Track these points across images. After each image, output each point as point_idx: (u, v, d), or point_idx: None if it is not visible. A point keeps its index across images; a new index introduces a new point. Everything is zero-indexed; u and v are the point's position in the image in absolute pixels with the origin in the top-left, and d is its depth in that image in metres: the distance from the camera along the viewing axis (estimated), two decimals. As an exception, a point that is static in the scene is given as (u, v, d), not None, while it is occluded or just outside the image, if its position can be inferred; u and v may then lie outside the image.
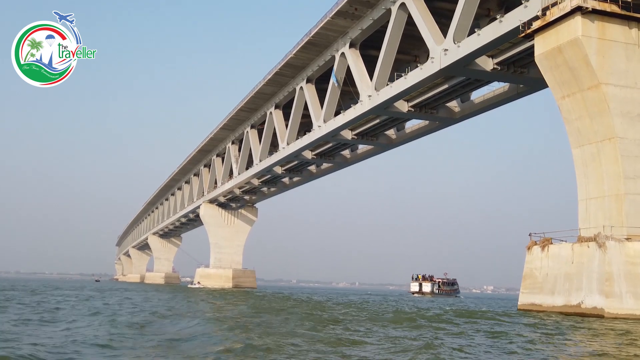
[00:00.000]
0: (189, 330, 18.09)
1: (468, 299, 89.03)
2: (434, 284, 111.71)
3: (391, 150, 62.21)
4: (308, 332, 17.87)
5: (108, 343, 14.58)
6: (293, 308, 31.23)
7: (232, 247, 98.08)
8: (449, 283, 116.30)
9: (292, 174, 75.08)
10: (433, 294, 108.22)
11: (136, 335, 16.73)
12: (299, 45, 53.54)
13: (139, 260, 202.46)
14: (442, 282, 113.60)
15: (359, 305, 40.97)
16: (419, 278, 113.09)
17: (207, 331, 17.77)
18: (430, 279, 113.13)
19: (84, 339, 15.19)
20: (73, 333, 17.13)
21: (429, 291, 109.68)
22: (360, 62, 48.17)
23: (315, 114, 55.78)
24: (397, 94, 42.24)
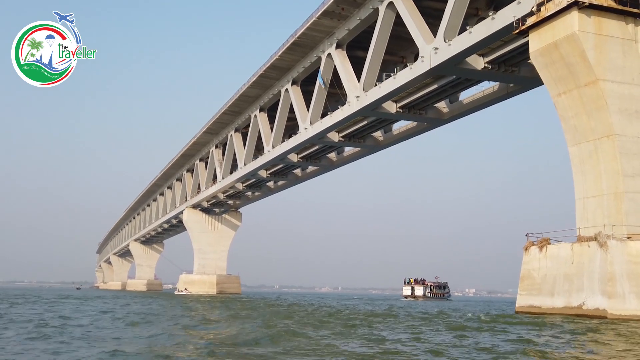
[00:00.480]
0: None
1: (459, 302, 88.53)
2: (426, 287, 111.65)
3: (377, 152, 61.94)
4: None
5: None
6: (327, 321, 26.13)
7: (216, 253, 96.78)
8: (441, 287, 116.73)
9: (277, 178, 74.18)
10: (425, 298, 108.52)
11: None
12: (284, 46, 52.73)
13: (120, 268, 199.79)
14: (433, 286, 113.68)
15: (388, 312, 38.31)
16: (411, 282, 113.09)
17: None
18: (422, 282, 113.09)
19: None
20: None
21: (421, 295, 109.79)
22: (347, 63, 47.47)
23: (302, 116, 54.97)
24: (386, 95, 41.59)
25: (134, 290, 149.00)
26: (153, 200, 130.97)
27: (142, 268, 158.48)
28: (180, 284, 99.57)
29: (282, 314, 31.42)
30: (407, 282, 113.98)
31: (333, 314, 32.43)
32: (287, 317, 28.62)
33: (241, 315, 29.42)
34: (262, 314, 31.06)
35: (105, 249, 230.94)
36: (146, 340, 17.15)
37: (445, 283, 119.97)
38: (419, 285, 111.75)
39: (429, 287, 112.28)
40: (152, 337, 18.03)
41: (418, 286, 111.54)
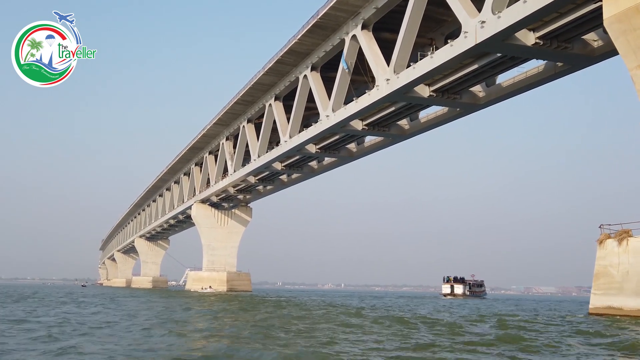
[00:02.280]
0: None
1: (497, 302, 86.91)
2: (465, 285, 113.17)
3: (395, 145, 58.71)
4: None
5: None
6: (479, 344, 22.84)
7: (226, 249, 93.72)
8: (478, 285, 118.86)
9: (292, 170, 70.86)
10: (465, 296, 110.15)
11: None
12: (305, 29, 49.46)
13: (125, 265, 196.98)
14: (472, 284, 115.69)
15: (443, 315, 35.04)
16: (450, 280, 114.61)
17: None
18: (461, 281, 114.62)
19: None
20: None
21: (460, 293, 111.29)
22: (374, 45, 44.24)
23: (322, 104, 51.73)
24: (421, 76, 38.30)
25: (139, 288, 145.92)
26: (159, 195, 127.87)
27: (147, 265, 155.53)
28: (189, 281, 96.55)
29: (393, 323, 27.24)
30: (447, 280, 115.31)
31: (449, 325, 25.62)
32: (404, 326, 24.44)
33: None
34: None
35: (108, 246, 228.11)
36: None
37: (482, 281, 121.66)
38: (458, 284, 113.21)
39: (468, 285, 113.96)
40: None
41: (457, 284, 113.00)
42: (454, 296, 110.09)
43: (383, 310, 39.75)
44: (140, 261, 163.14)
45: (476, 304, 69.36)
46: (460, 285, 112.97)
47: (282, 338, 17.74)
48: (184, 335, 18.95)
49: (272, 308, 38.64)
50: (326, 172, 71.71)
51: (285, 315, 30.45)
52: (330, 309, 39.60)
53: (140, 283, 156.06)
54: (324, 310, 36.70)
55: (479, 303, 73.00)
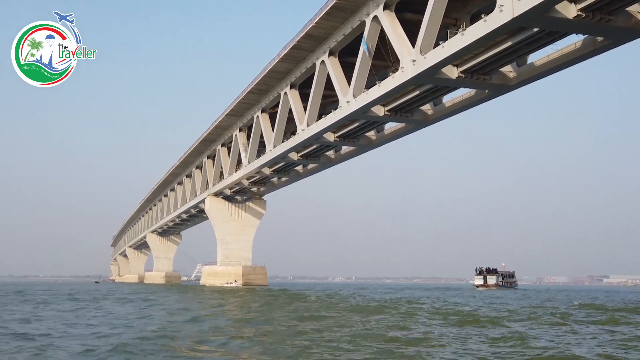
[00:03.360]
0: None
1: (538, 292, 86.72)
2: (498, 276, 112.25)
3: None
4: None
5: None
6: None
7: (240, 242, 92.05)
8: (510, 275, 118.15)
9: (309, 160, 68.96)
10: (498, 287, 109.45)
11: None
12: (323, 11, 47.40)
13: (137, 260, 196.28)
14: (504, 275, 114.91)
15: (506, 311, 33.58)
16: (483, 271, 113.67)
17: None
18: (494, 271, 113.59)
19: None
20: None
21: (493, 283, 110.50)
22: (397, 25, 42.14)
23: (342, 90, 49.73)
24: (451, 56, 36.13)
25: (152, 283, 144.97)
26: (171, 190, 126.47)
27: (159, 260, 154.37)
28: (204, 275, 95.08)
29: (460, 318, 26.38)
30: (479, 271, 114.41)
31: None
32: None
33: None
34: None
35: (120, 242, 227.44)
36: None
37: (513, 272, 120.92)
38: (491, 275, 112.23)
39: (501, 275, 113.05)
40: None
41: (490, 275, 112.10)
42: (487, 287, 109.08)
43: (458, 310, 37.91)
44: (152, 257, 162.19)
45: (526, 296, 68.37)
46: (493, 276, 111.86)
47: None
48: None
49: (331, 308, 36.69)
50: (343, 161, 69.77)
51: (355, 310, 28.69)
52: (390, 306, 36.94)
53: (153, 279, 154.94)
54: (393, 309, 33.46)
55: (526, 295, 72.17)
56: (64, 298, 50.93)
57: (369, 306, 36.07)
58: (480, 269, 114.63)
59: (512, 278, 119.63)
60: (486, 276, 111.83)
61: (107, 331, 20.43)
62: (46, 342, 17.30)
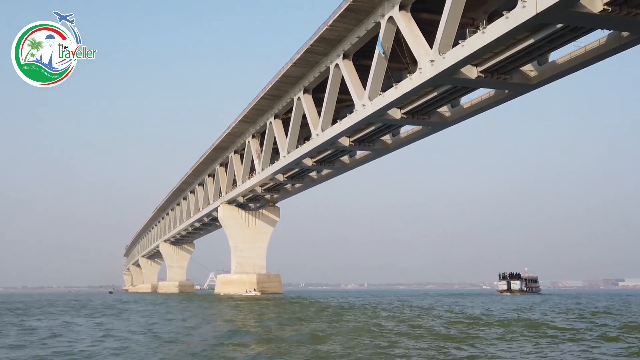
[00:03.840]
0: None
1: (562, 297, 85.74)
2: (521, 281, 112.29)
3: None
4: None
5: None
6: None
7: (254, 250, 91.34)
8: (533, 280, 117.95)
9: (323, 166, 68.07)
10: (522, 292, 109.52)
11: None
12: (336, 13, 46.65)
13: (149, 270, 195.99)
14: (527, 280, 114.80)
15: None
16: (506, 276, 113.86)
17: None
18: (517, 276, 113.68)
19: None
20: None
21: (517, 289, 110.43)
22: (414, 25, 41.26)
23: (358, 93, 48.91)
24: (471, 55, 35.17)
25: (165, 293, 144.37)
26: (183, 198, 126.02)
27: (172, 269, 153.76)
28: (218, 284, 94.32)
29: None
30: (502, 277, 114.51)
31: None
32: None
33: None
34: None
35: (133, 252, 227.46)
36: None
37: (536, 277, 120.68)
38: (514, 280, 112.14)
39: (524, 281, 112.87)
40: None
41: (514, 280, 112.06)
42: (511, 292, 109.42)
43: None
44: (165, 266, 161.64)
45: (556, 301, 67.58)
46: (516, 281, 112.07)
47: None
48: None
49: (376, 317, 35.46)
50: (358, 166, 68.84)
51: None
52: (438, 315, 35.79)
53: (166, 288, 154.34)
54: (485, 325, 30.11)
55: (553, 300, 71.47)
56: (115, 308, 49.59)
57: (454, 320, 31.34)
58: (503, 274, 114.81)
59: (535, 283, 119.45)
60: (510, 281, 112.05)
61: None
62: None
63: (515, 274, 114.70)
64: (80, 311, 48.39)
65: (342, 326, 26.64)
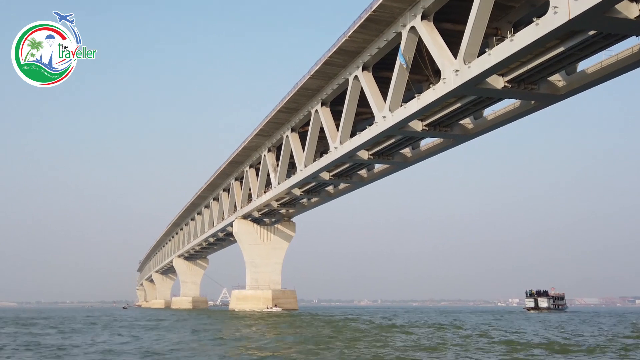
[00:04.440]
0: None
1: (593, 315, 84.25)
2: (549, 299, 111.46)
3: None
4: None
5: None
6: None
7: (269, 266, 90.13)
8: (559, 297, 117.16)
9: (341, 180, 66.87)
10: (549, 310, 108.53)
11: None
12: (356, 24, 45.78)
13: (163, 285, 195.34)
14: (555, 297, 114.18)
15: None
16: (533, 293, 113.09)
17: None
18: (545, 294, 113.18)
19: None
20: None
21: (545, 307, 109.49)
22: (437, 35, 40.28)
23: (378, 105, 47.91)
24: (498, 64, 34.02)
25: (179, 309, 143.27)
26: (197, 213, 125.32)
27: (186, 285, 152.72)
28: (233, 300, 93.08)
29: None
30: (529, 294, 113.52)
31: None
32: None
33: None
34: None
35: (146, 267, 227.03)
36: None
37: (563, 294, 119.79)
38: (542, 298, 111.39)
39: (552, 298, 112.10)
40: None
41: (542, 298, 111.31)
42: (539, 310, 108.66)
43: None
44: (178, 282, 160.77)
45: (598, 320, 66.13)
46: (544, 299, 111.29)
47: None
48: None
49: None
50: (376, 180, 67.66)
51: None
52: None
53: (180, 304, 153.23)
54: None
55: (588, 318, 69.55)
56: (145, 325, 48.28)
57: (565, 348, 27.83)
58: (530, 291, 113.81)
59: (562, 300, 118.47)
60: (537, 299, 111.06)
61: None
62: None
63: (542, 291, 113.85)
64: (133, 328, 47.32)
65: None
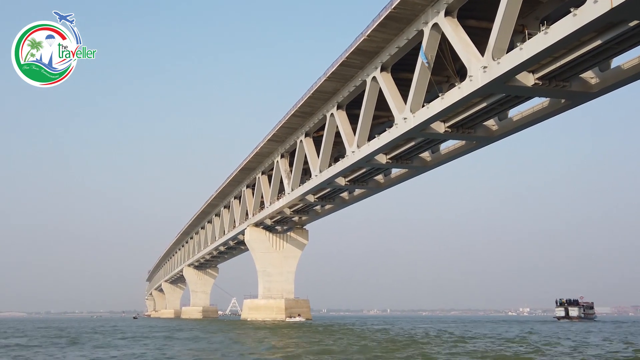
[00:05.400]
0: None
1: (607, 324, 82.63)
2: (580, 308, 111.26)
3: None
4: None
5: None
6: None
7: (282, 275, 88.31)
8: (589, 307, 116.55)
9: (357, 186, 65.09)
10: (580, 319, 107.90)
11: None
12: (375, 22, 44.07)
13: (172, 295, 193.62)
14: (585, 306, 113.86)
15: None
16: (564, 302, 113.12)
17: None
18: (575, 303, 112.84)
19: None
20: None
21: (576, 316, 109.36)
22: (461, 32, 38.52)
23: (398, 107, 46.10)
24: (529, 59, 32.22)
25: (189, 318, 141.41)
26: (208, 222, 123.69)
27: (196, 294, 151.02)
28: (245, 310, 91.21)
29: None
30: (560, 303, 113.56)
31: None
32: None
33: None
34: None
35: (155, 277, 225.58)
36: None
37: (592, 303, 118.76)
38: (572, 307, 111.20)
39: (583, 307, 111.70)
40: None
41: (572, 307, 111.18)
42: (570, 319, 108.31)
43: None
44: (187, 291, 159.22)
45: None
46: (575, 308, 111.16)
47: None
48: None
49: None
50: (393, 186, 65.83)
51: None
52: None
53: (190, 313, 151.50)
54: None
55: (617, 327, 68.60)
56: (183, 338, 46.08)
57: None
58: (560, 300, 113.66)
59: (592, 310, 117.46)
60: (567, 308, 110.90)
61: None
62: None
63: (572, 300, 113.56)
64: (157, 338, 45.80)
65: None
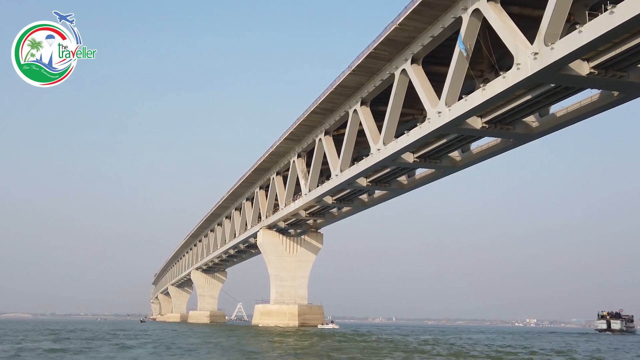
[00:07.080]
0: None
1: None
2: (622, 321, 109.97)
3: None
4: None
5: None
6: None
7: (295, 280, 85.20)
8: (630, 320, 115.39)
9: (378, 187, 61.87)
10: (622, 332, 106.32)
11: None
12: (409, 9, 41.07)
13: (179, 299, 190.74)
14: (627, 319, 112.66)
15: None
16: (605, 315, 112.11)
17: None
18: (617, 316, 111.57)
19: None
20: None
21: (618, 328, 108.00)
22: (506, 17, 35.49)
23: (431, 101, 42.95)
24: (588, 44, 29.18)
25: (196, 323, 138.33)
26: (218, 224, 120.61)
27: (204, 298, 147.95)
28: (257, 315, 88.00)
29: None
30: (601, 316, 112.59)
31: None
32: None
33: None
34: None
35: (162, 280, 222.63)
36: None
37: (632, 316, 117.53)
38: (614, 319, 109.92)
39: (625, 320, 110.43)
40: None
41: (614, 320, 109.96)
42: (612, 332, 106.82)
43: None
44: (193, 295, 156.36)
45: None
46: (617, 320, 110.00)
47: None
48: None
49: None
50: (416, 188, 62.63)
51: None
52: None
53: (197, 318, 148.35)
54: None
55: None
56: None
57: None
58: (602, 313, 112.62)
59: (632, 322, 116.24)
60: (609, 321, 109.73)
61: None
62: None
63: (615, 313, 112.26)
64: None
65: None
